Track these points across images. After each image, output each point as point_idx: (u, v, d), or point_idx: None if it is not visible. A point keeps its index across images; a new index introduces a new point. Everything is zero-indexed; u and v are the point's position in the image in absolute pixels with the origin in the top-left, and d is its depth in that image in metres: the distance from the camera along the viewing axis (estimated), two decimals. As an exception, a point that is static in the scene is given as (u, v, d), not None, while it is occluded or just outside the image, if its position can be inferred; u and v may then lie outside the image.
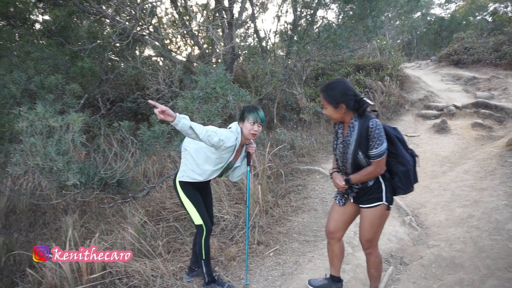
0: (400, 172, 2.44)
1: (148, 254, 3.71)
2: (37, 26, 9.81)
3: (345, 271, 3.23)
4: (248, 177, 3.33)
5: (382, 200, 2.47)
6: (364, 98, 2.42)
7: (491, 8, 23.32)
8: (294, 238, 3.99)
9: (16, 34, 8.37)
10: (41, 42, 8.25)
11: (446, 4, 27.36)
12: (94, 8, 5.87)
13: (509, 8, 22.33)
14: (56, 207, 5.51)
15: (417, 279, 3.17)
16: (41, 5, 9.03)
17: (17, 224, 5.30)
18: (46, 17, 9.59)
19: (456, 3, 27.11)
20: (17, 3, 8.87)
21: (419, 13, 25.71)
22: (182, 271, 3.50)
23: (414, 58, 20.44)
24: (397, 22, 22.49)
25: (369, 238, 2.60)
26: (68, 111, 4.37)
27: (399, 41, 24.96)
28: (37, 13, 9.93)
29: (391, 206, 2.53)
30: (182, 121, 2.54)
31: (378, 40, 13.30)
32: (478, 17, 23.58)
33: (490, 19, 20.86)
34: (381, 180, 2.48)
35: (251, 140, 3.13)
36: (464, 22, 22.23)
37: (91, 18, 6.80)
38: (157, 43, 7.02)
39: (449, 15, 24.61)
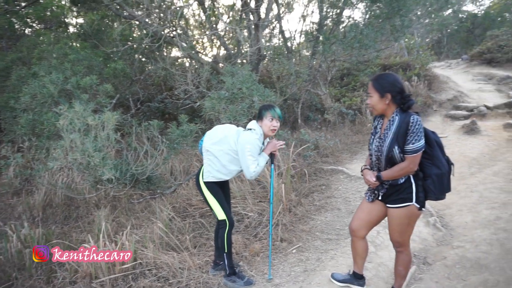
0: (434, 175, 2.40)
1: (176, 247, 3.87)
2: (71, 29, 10.34)
3: (367, 269, 3.27)
4: (272, 175, 3.43)
5: (411, 201, 2.44)
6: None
7: (529, 4, 22.34)
8: (317, 236, 4.06)
9: (52, 37, 8.85)
10: (76, 44, 8.69)
11: (480, 0, 26.40)
12: (126, 11, 6.13)
13: (548, 4, 21.34)
14: (89, 202, 5.80)
15: (440, 279, 3.17)
16: (76, 8, 9.50)
17: (53, 217, 5.61)
18: (80, 20, 10.08)
19: (490, -1, 26.13)
20: (53, 7, 9.37)
21: (450, 10, 24.92)
22: (207, 264, 3.64)
23: (444, 57, 19.89)
24: (427, 20, 21.93)
25: (398, 239, 2.60)
26: (102, 110, 4.63)
27: (428, 39, 24.28)
28: (72, 16, 10.46)
29: (422, 208, 2.48)
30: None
31: (406, 40, 13.04)
32: (514, 14, 22.61)
33: (527, 15, 19.98)
34: (412, 180, 2.45)
35: (273, 138, 3.24)
36: (499, 19, 21.38)
37: (124, 21, 7.11)
38: (185, 45, 7.24)
39: (482, 12, 23.73)
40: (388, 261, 3.43)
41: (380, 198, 2.63)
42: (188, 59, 9.08)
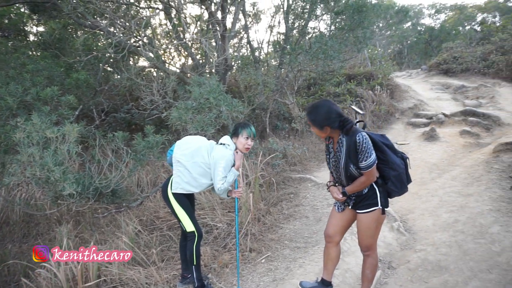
0: (392, 177, 2.59)
1: (142, 262, 3.77)
2: (31, 37, 9.94)
3: (335, 275, 3.31)
4: (236, 185, 3.42)
5: (377, 205, 2.60)
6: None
7: (479, 18, 23.91)
8: (286, 245, 4.08)
9: (10, 46, 8.46)
10: (36, 54, 8.36)
11: (436, 14, 27.98)
12: (89, 21, 5.98)
13: (496, 18, 22.89)
14: (50, 217, 5.54)
15: (404, 282, 3.27)
16: (36, 16, 9.16)
17: (10, 235, 5.31)
18: (41, 29, 9.71)
19: (445, 13, 27.76)
20: (11, 14, 8.99)
21: (409, 23, 26.25)
22: (175, 278, 3.56)
23: (405, 67, 20.81)
24: (388, 32, 22.94)
25: (367, 242, 2.73)
26: (64, 122, 4.46)
27: (390, 50, 25.38)
28: (31, 24, 10.06)
29: (386, 209, 2.67)
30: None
31: (369, 50, 13.56)
32: (467, 27, 24.12)
33: (478, 28, 21.35)
34: (375, 186, 2.62)
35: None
36: (453, 32, 22.72)
37: (86, 30, 6.92)
38: (151, 55, 7.15)
39: (439, 25, 25.13)
40: (354, 267, 3.50)
41: (350, 207, 2.77)
42: (154, 69, 8.96)
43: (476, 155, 6.36)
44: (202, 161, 3.07)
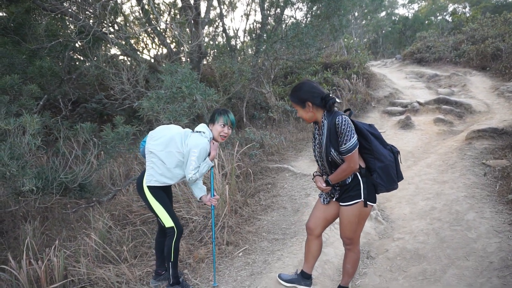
0: (378, 168, 2.43)
1: (113, 260, 3.58)
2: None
3: (314, 267, 3.24)
4: (212, 176, 3.27)
5: (360, 197, 2.46)
6: (331, 95, 2.45)
7: (451, 9, 24.41)
8: (263, 237, 3.98)
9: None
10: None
11: (410, 4, 28.38)
12: (51, 4, 5.59)
13: (467, 9, 23.44)
14: (15, 214, 5.23)
15: (383, 272, 3.24)
16: (-4, 1, 8.56)
17: (-29, 234, 4.98)
18: (2, 14, 9.10)
19: (419, 4, 28.19)
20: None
21: (384, 13, 26.53)
22: (149, 275, 3.40)
23: (380, 57, 21.00)
24: (363, 22, 23.07)
25: (349, 235, 2.60)
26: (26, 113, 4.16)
27: (365, 40, 25.59)
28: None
29: (371, 204, 2.50)
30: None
31: (346, 39, 13.55)
32: (439, 17, 24.59)
33: (450, 19, 21.80)
34: (359, 177, 2.47)
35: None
36: (426, 22, 23.11)
37: (50, 15, 6.50)
38: (121, 42, 6.82)
39: (412, 15, 25.50)
40: (333, 258, 3.45)
41: (334, 199, 2.65)
42: (126, 58, 8.59)
43: (450, 142, 6.45)
44: (176, 151, 2.88)
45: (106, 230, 4.11)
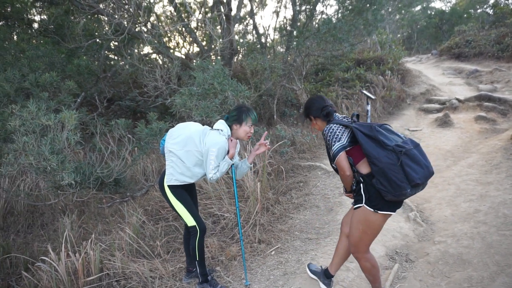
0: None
1: (147, 254, 3.62)
2: (35, 26, 9.72)
3: (350, 269, 3.13)
4: (233, 174, 3.17)
5: (362, 202, 2.38)
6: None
7: (492, 1, 23.13)
8: (296, 236, 3.90)
9: (14, 35, 8.27)
10: (38, 41, 8.16)
11: (447, -3, 27.16)
12: (88, 4, 5.74)
13: (510, 0, 22.14)
14: (55, 207, 5.42)
15: (424, 276, 3.08)
16: (39, 4, 8.93)
17: (14, 226, 5.20)
18: (44, 17, 9.49)
19: (456, -4, 26.92)
20: (14, 3, 8.77)
21: (419, 7, 25.54)
22: (181, 271, 3.41)
23: (414, 52, 20.27)
24: (397, 16, 22.33)
25: (352, 241, 2.51)
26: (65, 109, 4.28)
27: (399, 35, 24.77)
28: (35, 12, 9.83)
29: (383, 212, 2.31)
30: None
31: (379, 35, 13.12)
32: (479, 10, 23.37)
33: (491, 11, 20.66)
34: (361, 182, 2.41)
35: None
36: (465, 15, 22.03)
37: (87, 15, 6.69)
38: (154, 40, 6.91)
39: (449, 8, 24.41)
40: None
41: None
42: (158, 56, 8.73)
43: (493, 141, 6.09)
44: (195, 149, 2.83)
45: (139, 225, 4.16)
